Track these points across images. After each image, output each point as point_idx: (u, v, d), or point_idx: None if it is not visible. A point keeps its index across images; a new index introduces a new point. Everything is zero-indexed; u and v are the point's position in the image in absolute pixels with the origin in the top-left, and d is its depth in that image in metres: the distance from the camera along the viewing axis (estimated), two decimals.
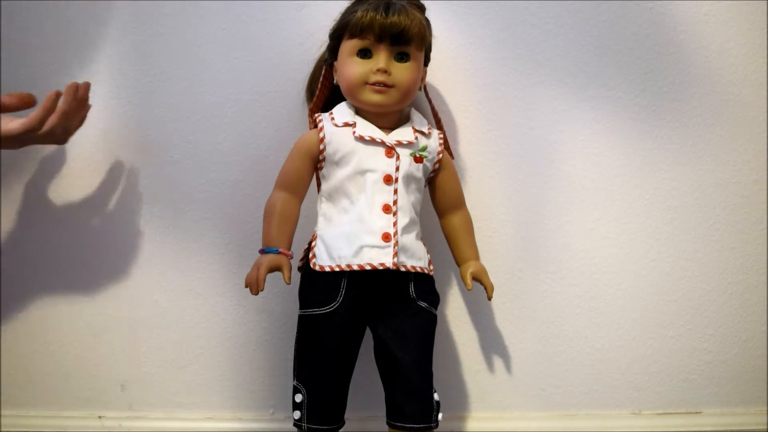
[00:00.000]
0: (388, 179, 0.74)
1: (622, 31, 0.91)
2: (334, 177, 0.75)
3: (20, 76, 0.87)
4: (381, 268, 0.71)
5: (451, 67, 0.89)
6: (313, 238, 0.77)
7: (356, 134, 0.74)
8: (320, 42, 0.81)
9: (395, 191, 0.74)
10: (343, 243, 0.73)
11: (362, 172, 0.74)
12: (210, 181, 0.89)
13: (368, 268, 0.71)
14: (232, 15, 0.88)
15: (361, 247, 0.72)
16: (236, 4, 0.88)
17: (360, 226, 0.73)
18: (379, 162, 0.74)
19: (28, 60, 0.87)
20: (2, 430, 0.89)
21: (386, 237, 0.72)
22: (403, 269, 0.74)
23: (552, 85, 0.91)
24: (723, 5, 0.91)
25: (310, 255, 0.76)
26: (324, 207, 0.77)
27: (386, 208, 0.73)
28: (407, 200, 0.75)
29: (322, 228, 0.76)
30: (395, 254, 0.72)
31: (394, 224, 0.73)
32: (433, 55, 0.80)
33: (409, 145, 0.75)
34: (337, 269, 0.72)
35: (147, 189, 0.89)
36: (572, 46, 0.91)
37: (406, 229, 0.74)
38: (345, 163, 0.75)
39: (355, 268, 0.72)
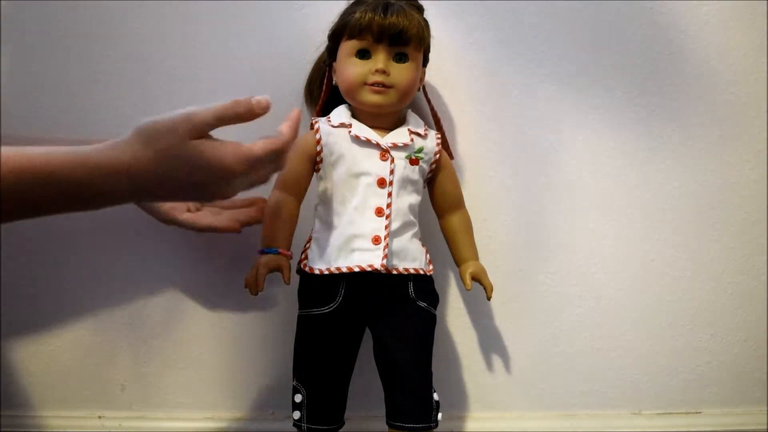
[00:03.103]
0: (381, 182, 0.74)
1: (622, 31, 0.91)
2: (329, 179, 0.75)
3: (20, 76, 0.87)
4: (369, 269, 0.71)
5: (450, 68, 0.89)
6: (309, 240, 0.77)
7: (352, 134, 0.74)
8: (321, 42, 0.81)
9: (389, 194, 0.73)
10: (334, 245, 0.73)
11: (356, 175, 0.74)
12: None
13: (357, 270, 0.71)
14: (232, 15, 0.88)
15: (352, 250, 0.72)
16: (237, 5, 0.88)
17: (351, 228, 0.73)
18: (373, 165, 0.74)
19: (28, 60, 0.87)
20: (2, 430, 0.89)
21: (376, 240, 0.72)
22: (395, 272, 0.74)
23: (552, 85, 0.91)
24: (723, 5, 0.91)
25: (303, 257, 0.76)
26: (320, 209, 0.77)
27: (378, 211, 0.73)
28: (402, 203, 0.75)
29: (317, 230, 0.76)
30: (384, 256, 0.72)
31: (386, 227, 0.73)
32: (432, 55, 0.80)
33: (405, 147, 0.75)
34: (326, 272, 0.73)
35: None
36: (572, 46, 0.91)
37: (399, 232, 0.74)
38: (339, 165, 0.75)
39: (344, 270, 0.72)
